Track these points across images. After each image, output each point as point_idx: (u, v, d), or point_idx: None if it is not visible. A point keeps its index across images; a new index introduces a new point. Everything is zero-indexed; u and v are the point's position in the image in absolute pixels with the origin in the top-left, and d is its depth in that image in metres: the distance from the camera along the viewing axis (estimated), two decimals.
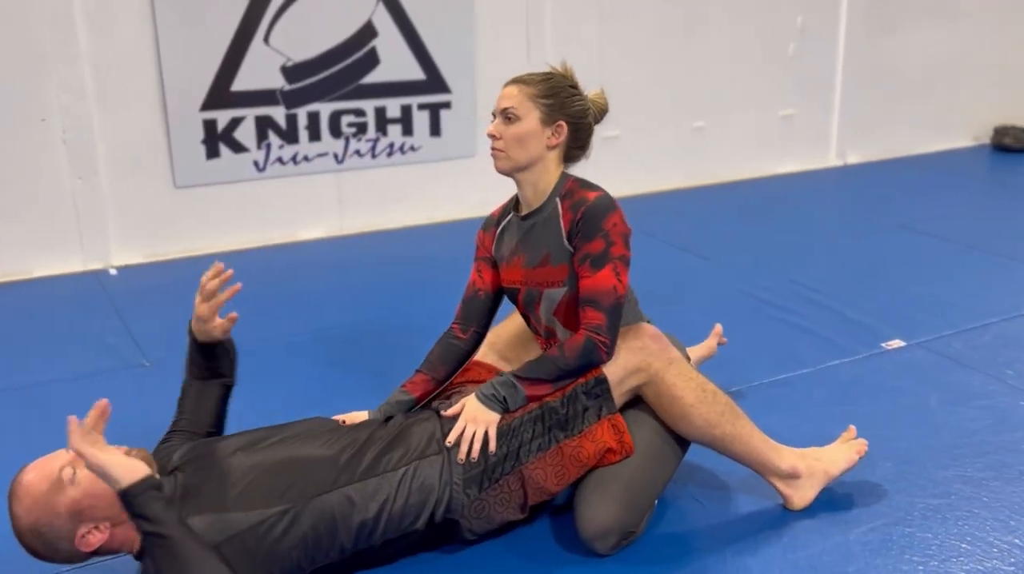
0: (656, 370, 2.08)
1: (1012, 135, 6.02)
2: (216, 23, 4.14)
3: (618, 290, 2.07)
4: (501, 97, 2.16)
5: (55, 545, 1.82)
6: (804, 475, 2.20)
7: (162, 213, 4.26)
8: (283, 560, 1.86)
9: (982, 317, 3.38)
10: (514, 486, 2.02)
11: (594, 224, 2.07)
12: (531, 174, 2.16)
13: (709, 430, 2.12)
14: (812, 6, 5.45)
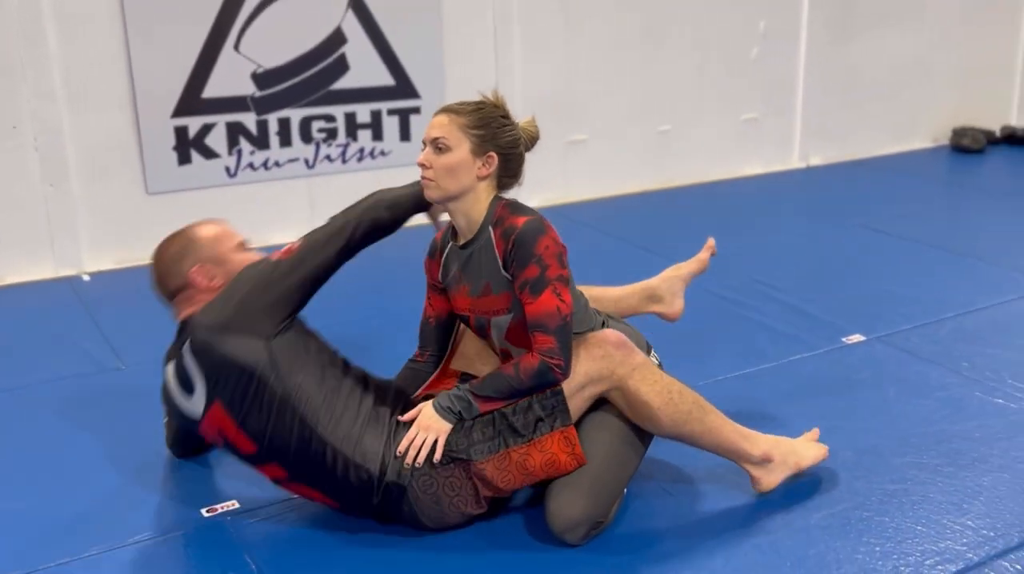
0: (620, 377, 2.14)
1: (970, 136, 6.17)
2: (187, 30, 4.18)
3: (562, 310, 2.09)
4: (431, 126, 2.15)
5: (175, 265, 2.23)
6: (777, 461, 2.30)
7: (134, 219, 4.29)
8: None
9: (939, 312, 3.48)
10: (461, 476, 2.09)
11: (526, 251, 2.09)
12: (462, 203, 2.17)
13: (677, 429, 2.20)
14: (774, 11, 5.56)
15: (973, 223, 4.71)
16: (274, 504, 2.32)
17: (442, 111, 2.18)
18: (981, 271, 3.94)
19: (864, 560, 2.08)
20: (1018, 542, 2.14)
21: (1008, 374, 2.96)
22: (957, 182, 5.63)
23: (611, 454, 2.17)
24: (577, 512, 2.09)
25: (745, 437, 2.27)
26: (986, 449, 2.53)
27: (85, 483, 2.44)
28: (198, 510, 2.30)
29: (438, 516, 2.14)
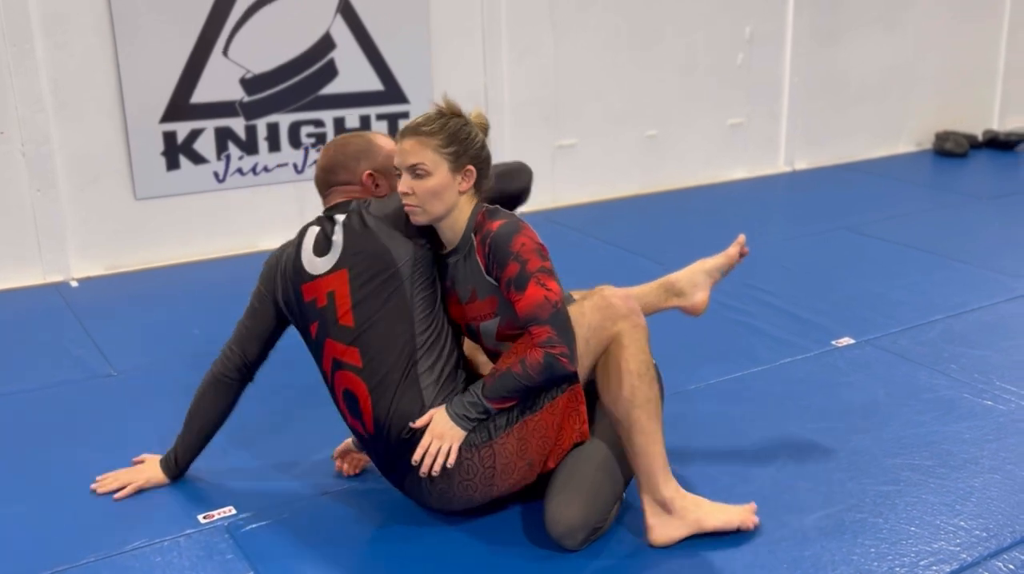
0: (619, 330, 2.12)
1: (953, 140, 6.22)
2: (175, 35, 4.17)
3: (551, 298, 2.07)
4: (404, 152, 2.13)
5: (352, 162, 2.32)
6: (675, 513, 2.16)
7: (122, 225, 4.27)
8: None
9: (927, 315, 3.52)
10: (477, 461, 2.09)
11: (503, 251, 2.10)
12: (448, 219, 2.18)
13: (629, 406, 2.11)
14: (760, 16, 5.60)
15: (958, 226, 4.75)
16: (271, 510, 2.32)
17: (409, 134, 2.14)
18: (968, 274, 3.98)
19: (860, 561, 2.10)
20: (1010, 542, 2.16)
21: (996, 376, 3.00)
22: (941, 186, 5.68)
23: (609, 460, 2.18)
24: (576, 518, 2.10)
25: (664, 468, 2.16)
26: (976, 450, 2.56)
27: (80, 490, 2.43)
28: (194, 516, 2.29)
29: (445, 495, 2.14)
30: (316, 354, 2.26)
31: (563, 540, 2.12)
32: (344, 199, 2.34)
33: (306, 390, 2.96)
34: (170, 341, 3.44)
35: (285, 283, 2.29)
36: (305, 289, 2.24)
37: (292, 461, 2.57)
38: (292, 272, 2.27)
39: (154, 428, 2.74)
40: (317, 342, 2.23)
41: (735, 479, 2.43)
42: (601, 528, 2.18)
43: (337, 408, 2.27)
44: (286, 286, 2.29)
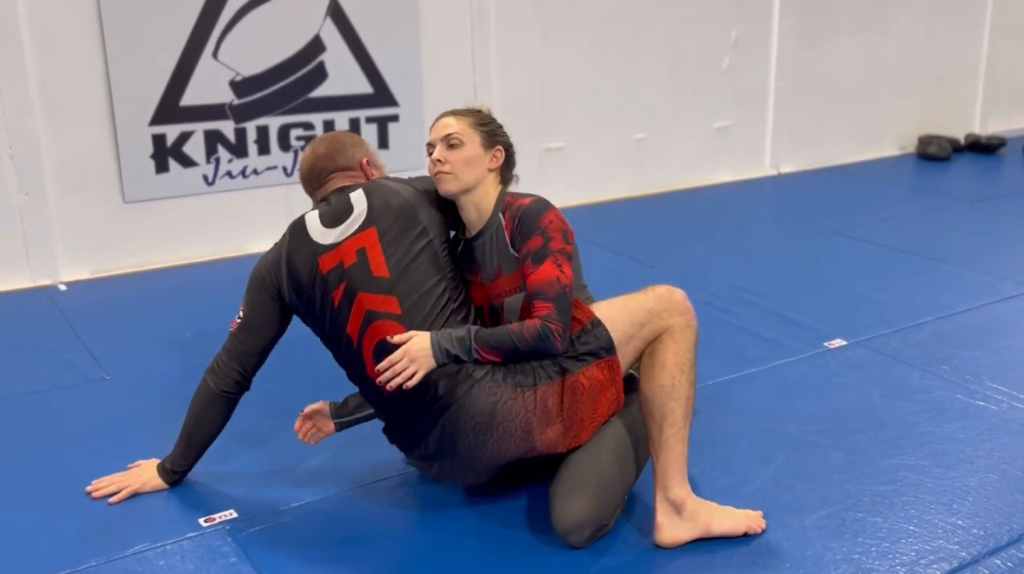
0: (674, 324, 2.18)
1: (936, 144, 6.28)
2: (165, 38, 4.15)
3: (562, 280, 2.13)
4: (440, 126, 2.26)
5: (352, 148, 2.42)
6: (686, 515, 2.17)
7: (111, 228, 4.24)
8: None
9: (916, 316, 3.55)
10: (528, 401, 2.09)
11: (530, 223, 2.18)
12: (474, 196, 2.26)
13: (666, 396, 2.15)
14: (746, 21, 5.64)
15: (943, 229, 4.80)
16: (272, 513, 2.32)
17: (447, 114, 2.30)
18: (955, 276, 4.02)
19: (861, 560, 2.12)
20: (1007, 541, 2.19)
21: (987, 377, 3.03)
22: (925, 189, 5.74)
23: (616, 457, 2.20)
24: (583, 514, 2.11)
25: (683, 469, 2.18)
26: (971, 450, 2.59)
27: (78, 494, 2.41)
28: (195, 520, 2.29)
29: (479, 444, 2.11)
30: (340, 319, 2.21)
31: (569, 536, 2.13)
32: (348, 182, 2.39)
33: (302, 393, 2.95)
34: (162, 345, 3.42)
35: (290, 270, 2.27)
36: (323, 260, 2.24)
37: (290, 464, 2.57)
38: (300, 256, 2.26)
39: (150, 432, 2.73)
40: (344, 303, 2.20)
41: (735, 480, 2.45)
42: (607, 525, 2.20)
43: (355, 377, 2.26)
44: (292, 272, 2.27)
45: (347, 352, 2.24)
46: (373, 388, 2.19)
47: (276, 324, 2.33)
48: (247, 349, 2.32)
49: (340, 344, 2.25)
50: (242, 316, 2.32)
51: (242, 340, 2.32)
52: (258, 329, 2.31)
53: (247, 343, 2.31)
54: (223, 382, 2.32)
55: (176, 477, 2.41)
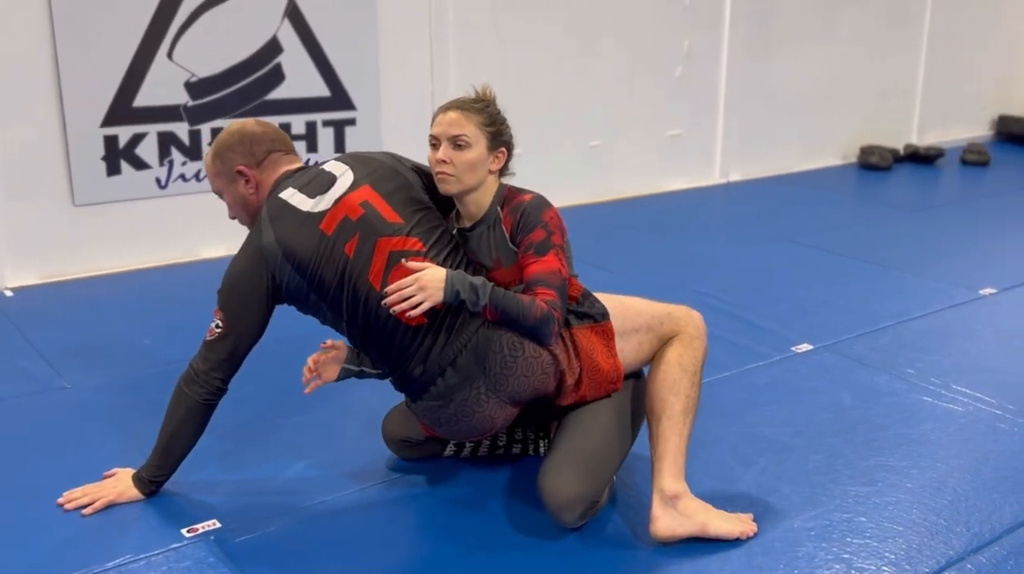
0: (687, 332, 2.32)
1: (877, 154, 6.44)
2: (118, 37, 4.04)
3: (563, 273, 2.19)
4: (447, 123, 2.20)
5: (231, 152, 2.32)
6: (681, 511, 2.18)
7: (60, 232, 4.11)
8: None
9: (876, 322, 3.62)
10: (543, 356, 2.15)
11: (533, 218, 2.21)
12: (476, 194, 2.25)
13: (668, 391, 2.23)
14: (698, 31, 5.71)
15: (890, 236, 4.91)
16: (257, 522, 2.26)
17: (454, 108, 2.23)
18: (907, 282, 4.12)
19: (852, 560, 2.15)
20: (990, 538, 2.24)
21: (951, 379, 3.11)
22: (869, 198, 5.87)
23: (606, 434, 2.24)
24: (572, 491, 2.14)
25: (679, 463, 2.21)
26: (945, 451, 2.65)
27: (52, 506, 2.32)
28: (178, 530, 2.22)
29: (505, 367, 2.12)
30: (357, 269, 2.16)
31: (560, 513, 2.15)
32: (301, 164, 2.38)
33: (279, 399, 2.90)
34: (121, 351, 3.33)
35: (287, 251, 2.20)
36: (325, 224, 2.19)
37: (270, 471, 2.51)
38: (295, 231, 2.20)
39: (118, 441, 2.65)
40: (362, 251, 2.16)
41: (721, 482, 2.47)
42: (598, 503, 2.23)
43: (374, 333, 2.19)
44: (290, 252, 2.19)
45: (366, 307, 2.17)
46: (395, 330, 2.16)
47: (260, 327, 2.27)
48: (229, 356, 2.24)
49: (359, 300, 2.17)
50: (222, 325, 2.23)
51: (224, 348, 2.23)
52: (243, 335, 2.24)
53: (229, 350, 2.24)
54: (205, 392, 2.25)
55: (154, 488, 2.34)
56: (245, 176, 2.33)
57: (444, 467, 2.53)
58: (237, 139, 2.35)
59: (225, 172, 2.35)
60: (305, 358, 2.41)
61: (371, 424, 2.67)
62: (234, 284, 2.27)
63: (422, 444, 2.50)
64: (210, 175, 2.39)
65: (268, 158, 2.35)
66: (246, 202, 2.37)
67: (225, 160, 2.34)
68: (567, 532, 2.23)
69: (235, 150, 2.34)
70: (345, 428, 2.76)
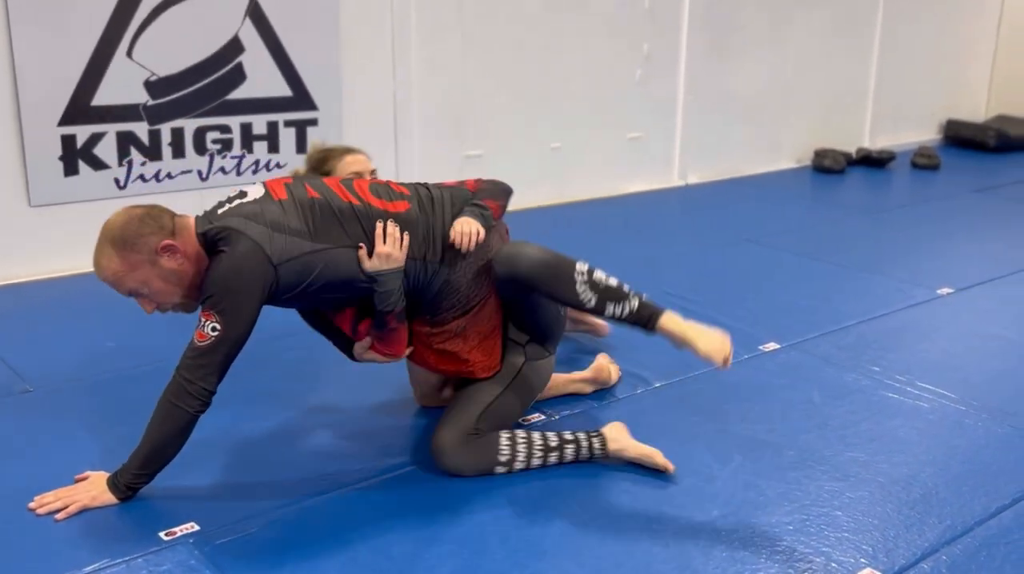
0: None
1: (831, 158, 6.55)
2: (76, 34, 3.97)
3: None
4: (364, 162, 2.95)
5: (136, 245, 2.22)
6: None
7: (16, 233, 4.02)
8: None
9: (840, 321, 3.68)
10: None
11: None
12: None
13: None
14: (657, 34, 5.76)
15: (845, 237, 4.99)
16: (237, 524, 2.23)
17: (357, 151, 2.97)
18: (867, 282, 4.19)
19: (830, 552, 2.19)
20: (962, 530, 2.29)
21: (915, 376, 3.17)
22: (824, 200, 5.97)
23: (473, 393, 2.55)
24: (444, 441, 2.46)
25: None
26: (914, 446, 2.70)
27: (23, 511, 2.26)
28: (156, 534, 2.18)
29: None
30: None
31: (436, 456, 2.47)
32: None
33: (256, 400, 2.86)
34: (83, 353, 3.26)
35: (273, 227, 2.30)
36: (275, 193, 2.40)
37: (247, 473, 2.48)
38: (266, 214, 2.31)
39: (87, 444, 2.60)
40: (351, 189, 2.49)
41: (698, 479, 2.49)
42: (493, 464, 2.47)
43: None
44: (276, 225, 2.31)
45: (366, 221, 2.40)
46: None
47: (253, 326, 2.28)
48: (224, 360, 2.23)
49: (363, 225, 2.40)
50: (219, 328, 2.20)
51: (220, 352, 2.21)
52: (240, 337, 2.25)
53: (225, 354, 2.23)
54: (198, 403, 2.23)
55: (130, 494, 2.29)
56: (170, 248, 2.24)
57: (427, 468, 2.52)
58: (138, 223, 2.23)
59: (144, 259, 2.22)
60: (281, 359, 2.39)
61: (352, 425, 2.65)
62: (231, 281, 2.23)
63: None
64: (121, 275, 2.23)
65: (175, 223, 2.28)
66: (180, 276, 2.27)
67: (139, 248, 2.22)
68: (562, 537, 2.24)
69: (144, 232, 2.22)
70: (325, 429, 2.73)
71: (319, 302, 2.51)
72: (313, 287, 2.34)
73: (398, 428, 2.75)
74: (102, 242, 2.24)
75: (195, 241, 2.29)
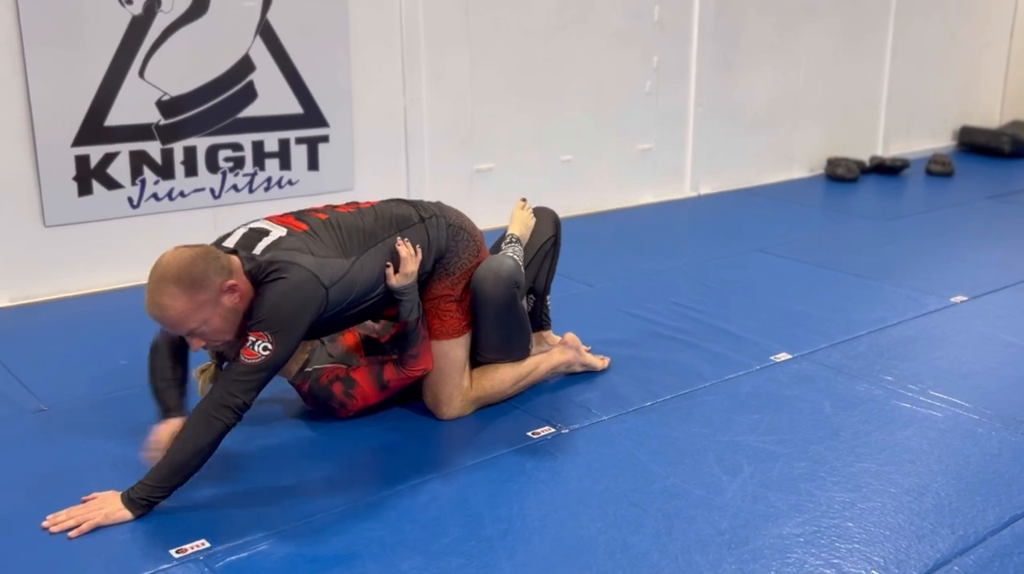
0: None
1: (844, 166, 6.53)
2: (89, 56, 4.01)
3: None
4: None
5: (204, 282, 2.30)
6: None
7: (31, 253, 4.05)
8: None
9: (851, 330, 3.67)
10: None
11: None
12: None
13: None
14: (666, 47, 5.77)
15: (859, 246, 4.98)
16: (247, 541, 2.24)
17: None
18: (879, 291, 4.17)
19: (841, 564, 2.17)
20: (975, 541, 2.27)
21: (928, 386, 3.15)
22: (837, 209, 5.95)
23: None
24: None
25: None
26: (926, 456, 2.68)
27: (36, 530, 2.28)
28: (166, 551, 2.19)
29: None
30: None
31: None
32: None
33: (262, 417, 2.88)
34: (97, 372, 3.28)
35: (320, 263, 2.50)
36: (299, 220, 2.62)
37: (255, 488, 2.49)
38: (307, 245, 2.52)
39: (101, 462, 2.61)
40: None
41: (708, 491, 2.48)
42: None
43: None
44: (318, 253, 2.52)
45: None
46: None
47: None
48: (267, 378, 2.38)
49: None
50: (272, 349, 2.32)
51: (268, 371, 2.36)
52: (286, 359, 2.41)
53: (270, 373, 2.37)
54: (235, 417, 2.35)
55: (147, 509, 2.31)
56: (233, 288, 2.34)
57: (436, 482, 2.52)
58: (204, 263, 2.32)
59: (210, 299, 2.31)
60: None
61: (360, 441, 2.66)
62: (288, 305, 2.37)
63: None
64: (188, 313, 2.30)
65: (228, 262, 2.39)
66: (237, 314, 2.39)
67: (207, 287, 2.29)
68: (571, 550, 2.23)
69: (209, 273, 2.30)
70: (334, 445, 2.74)
71: (341, 322, 2.65)
72: (349, 302, 2.54)
73: (407, 443, 2.76)
74: (163, 281, 2.29)
75: (246, 279, 2.39)
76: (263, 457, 2.67)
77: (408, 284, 2.67)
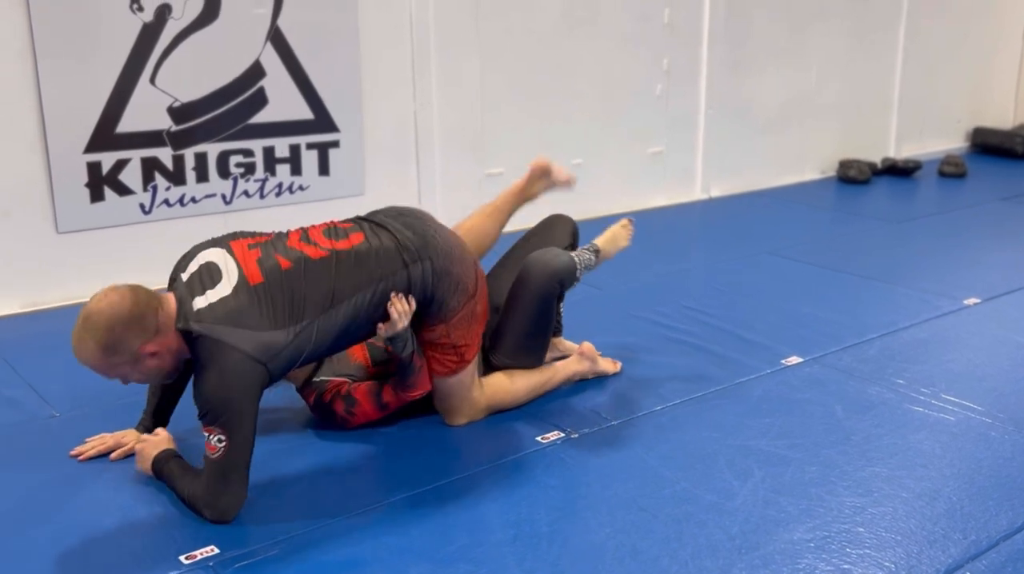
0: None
1: (856, 168, 6.50)
2: (101, 64, 4.03)
3: None
4: None
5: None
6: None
7: (43, 260, 4.08)
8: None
9: (863, 333, 3.65)
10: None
11: None
12: None
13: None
14: (676, 49, 5.76)
15: (871, 249, 4.95)
16: (257, 548, 2.24)
17: None
18: (891, 293, 4.15)
19: (852, 569, 2.16)
20: (987, 545, 2.26)
21: (941, 389, 3.13)
22: (850, 211, 5.92)
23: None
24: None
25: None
26: (938, 460, 2.67)
27: (49, 537, 2.30)
28: (176, 557, 2.20)
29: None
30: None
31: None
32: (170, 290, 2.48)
33: (271, 425, 2.88)
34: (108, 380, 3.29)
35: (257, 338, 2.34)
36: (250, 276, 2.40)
37: (264, 494, 2.49)
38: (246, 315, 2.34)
39: (111, 468, 2.62)
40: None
41: (718, 496, 2.47)
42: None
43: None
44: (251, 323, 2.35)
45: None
46: None
47: (256, 421, 2.39)
48: (240, 460, 2.32)
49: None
50: (226, 438, 2.26)
51: (236, 455, 2.29)
52: (250, 435, 2.33)
53: (240, 454, 2.31)
54: (222, 519, 2.34)
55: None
56: (153, 353, 2.29)
57: (445, 490, 2.52)
58: (122, 328, 2.23)
59: (125, 361, 2.26)
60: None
61: (369, 447, 2.66)
62: (223, 394, 2.25)
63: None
64: (101, 368, 2.28)
65: (158, 321, 2.28)
66: (160, 370, 2.35)
67: (121, 352, 2.24)
68: (580, 556, 2.23)
69: (128, 338, 2.24)
70: (343, 452, 2.74)
71: (321, 355, 2.55)
72: (312, 354, 2.43)
73: (416, 447, 2.76)
74: (84, 331, 2.24)
75: (176, 336, 2.30)
76: (271, 463, 2.67)
77: (399, 331, 2.56)
